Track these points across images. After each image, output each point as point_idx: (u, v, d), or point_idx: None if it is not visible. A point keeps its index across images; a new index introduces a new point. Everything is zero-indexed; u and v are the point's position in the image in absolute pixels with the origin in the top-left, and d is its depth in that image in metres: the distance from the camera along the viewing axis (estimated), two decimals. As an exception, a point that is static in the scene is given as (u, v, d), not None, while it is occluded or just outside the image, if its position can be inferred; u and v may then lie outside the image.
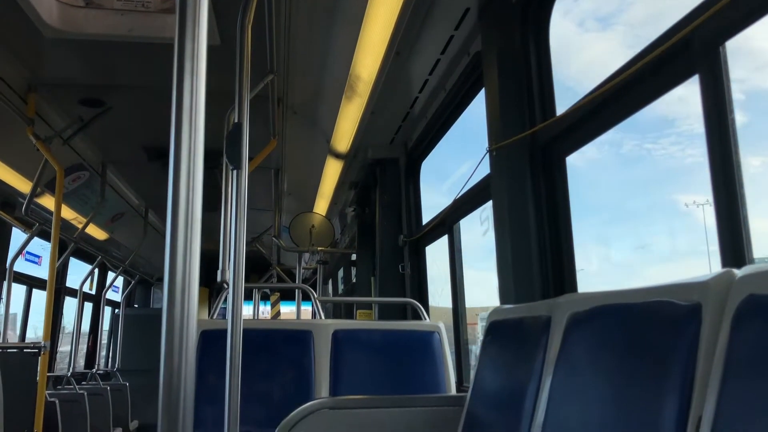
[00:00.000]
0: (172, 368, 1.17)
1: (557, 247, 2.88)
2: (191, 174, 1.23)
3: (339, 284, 10.48)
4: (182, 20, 1.29)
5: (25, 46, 4.24)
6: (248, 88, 2.74)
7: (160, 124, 5.47)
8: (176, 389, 1.16)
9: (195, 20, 1.29)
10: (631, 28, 3.11)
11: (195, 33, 1.29)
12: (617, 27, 3.37)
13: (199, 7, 1.30)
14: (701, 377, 1.29)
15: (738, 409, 1.17)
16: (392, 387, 3.47)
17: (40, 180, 5.30)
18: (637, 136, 3.04)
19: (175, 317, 1.18)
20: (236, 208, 2.57)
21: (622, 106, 2.46)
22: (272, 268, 9.29)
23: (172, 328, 1.17)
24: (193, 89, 1.26)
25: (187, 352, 1.18)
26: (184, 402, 1.16)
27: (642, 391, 1.44)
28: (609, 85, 2.42)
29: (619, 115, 2.49)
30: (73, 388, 6.95)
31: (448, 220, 4.56)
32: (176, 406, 1.16)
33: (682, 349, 1.37)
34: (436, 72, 4.23)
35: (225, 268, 3.65)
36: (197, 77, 1.27)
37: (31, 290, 7.94)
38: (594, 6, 3.57)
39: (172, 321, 1.18)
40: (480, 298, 4.62)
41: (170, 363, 1.17)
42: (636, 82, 2.34)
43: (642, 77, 2.29)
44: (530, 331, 2.12)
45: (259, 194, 7.57)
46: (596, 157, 3.15)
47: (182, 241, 1.21)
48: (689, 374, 1.32)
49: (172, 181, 1.22)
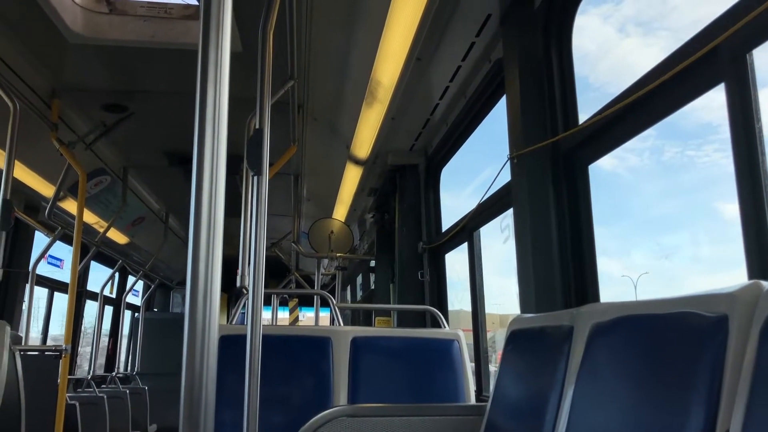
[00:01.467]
0: (193, 373, 1.17)
1: (579, 256, 2.85)
2: (214, 180, 1.23)
3: (357, 290, 10.48)
4: (206, 27, 1.30)
5: (49, 52, 4.30)
6: (269, 95, 2.75)
7: (181, 129, 5.53)
8: (197, 394, 1.17)
9: (218, 27, 1.30)
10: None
11: (218, 40, 1.29)
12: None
13: (223, 14, 1.30)
14: (728, 390, 1.27)
15: (767, 424, 1.14)
16: (411, 395, 3.45)
17: (63, 184, 5.36)
18: (679, 142, 3.01)
19: (197, 322, 1.18)
20: (256, 213, 2.58)
21: (645, 115, 2.44)
22: (291, 274, 9.30)
23: (194, 333, 1.17)
24: (216, 96, 1.27)
25: (209, 357, 1.18)
26: (206, 406, 1.16)
27: (666, 403, 1.42)
28: (633, 95, 2.40)
29: (643, 124, 2.46)
30: (93, 391, 6.99)
31: (468, 227, 4.54)
32: (197, 411, 1.16)
33: (708, 362, 1.35)
34: (457, 79, 4.22)
35: (245, 274, 3.67)
36: (220, 84, 1.27)
37: (52, 293, 8.02)
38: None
39: (194, 326, 1.18)
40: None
41: (191, 367, 1.17)
42: (660, 91, 2.31)
43: (666, 86, 2.27)
44: (552, 341, 2.09)
45: (278, 200, 7.60)
46: (636, 164, 3.14)
47: (204, 247, 1.21)
48: (715, 387, 1.29)
49: (195, 187, 1.22)
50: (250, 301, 2.48)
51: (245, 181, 3.56)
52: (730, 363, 1.28)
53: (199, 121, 1.24)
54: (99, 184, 6.56)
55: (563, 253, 2.90)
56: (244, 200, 3.58)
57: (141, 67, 4.60)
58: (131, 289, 10.64)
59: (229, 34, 1.31)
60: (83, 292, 8.59)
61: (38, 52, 4.30)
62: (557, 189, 2.98)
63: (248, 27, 3.50)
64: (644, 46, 3.29)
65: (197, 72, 1.26)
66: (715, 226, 2.80)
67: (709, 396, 1.30)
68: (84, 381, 7.56)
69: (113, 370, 9.72)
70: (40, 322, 7.92)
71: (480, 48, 3.80)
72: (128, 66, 4.59)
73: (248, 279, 3.61)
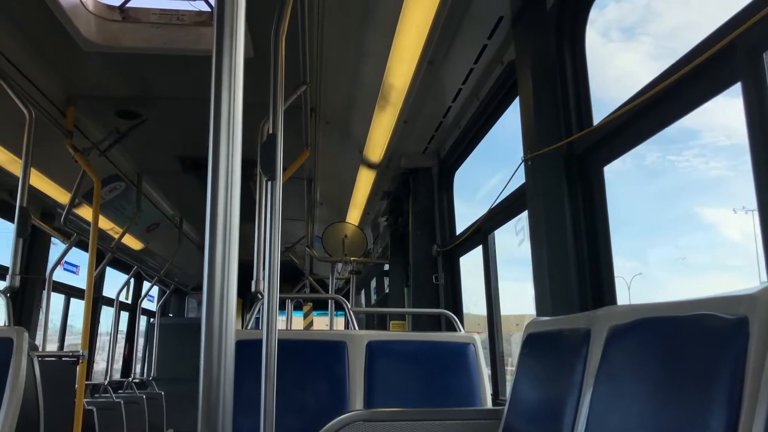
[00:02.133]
0: (210, 378, 1.17)
1: (595, 258, 2.83)
2: (229, 185, 1.24)
3: (371, 294, 10.48)
4: (219, 33, 1.30)
5: (64, 61, 4.34)
6: (282, 99, 2.75)
7: (194, 135, 5.56)
8: (215, 398, 1.17)
9: (232, 33, 1.30)
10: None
11: (232, 46, 1.30)
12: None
13: (236, 20, 1.31)
14: (750, 393, 1.25)
15: (791, 427, 1.13)
16: (427, 399, 3.44)
17: (78, 191, 5.40)
18: (660, 147, 3.01)
19: (214, 327, 1.18)
20: (270, 218, 2.58)
21: (661, 115, 2.41)
22: (305, 278, 9.32)
23: (210, 338, 1.18)
24: (230, 101, 1.27)
25: (226, 362, 1.18)
26: (223, 411, 1.17)
27: (686, 406, 1.40)
28: (648, 94, 2.38)
29: (659, 124, 2.44)
30: (110, 396, 7.04)
31: (483, 230, 4.53)
32: (215, 416, 1.16)
33: (728, 364, 1.33)
34: (470, 81, 4.21)
35: (259, 279, 3.68)
36: (234, 89, 1.28)
37: (69, 300, 8.08)
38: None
39: (210, 331, 1.18)
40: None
41: (209, 372, 1.17)
42: (676, 91, 2.29)
43: (682, 86, 2.25)
44: (569, 344, 2.08)
45: (291, 204, 7.62)
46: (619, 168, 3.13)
47: (220, 252, 1.21)
48: (736, 390, 1.28)
49: (210, 192, 1.22)
50: (266, 306, 2.48)
51: (259, 186, 3.57)
52: (751, 365, 1.27)
53: (213, 126, 1.25)
54: (113, 190, 6.61)
55: (579, 255, 2.88)
56: (258, 205, 3.59)
57: (154, 74, 4.63)
58: (146, 295, 10.69)
59: (243, 39, 1.31)
60: (99, 298, 8.65)
61: (53, 61, 4.34)
62: (572, 191, 2.96)
63: (260, 32, 3.50)
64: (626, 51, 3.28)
65: (211, 77, 1.27)
66: (693, 230, 2.78)
67: (730, 399, 1.28)
68: (101, 386, 7.61)
69: (129, 376, 9.77)
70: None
71: (492, 50, 3.79)
72: (141, 73, 4.62)
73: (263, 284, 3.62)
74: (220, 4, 1.32)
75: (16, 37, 3.94)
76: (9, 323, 3.64)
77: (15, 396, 2.87)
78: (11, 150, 4.95)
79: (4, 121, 4.62)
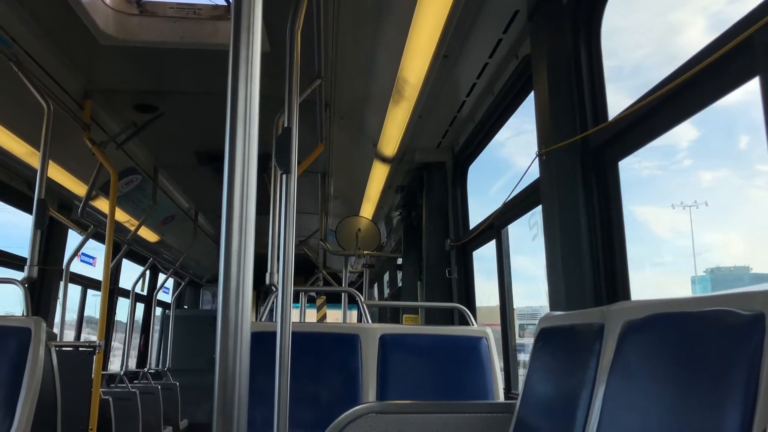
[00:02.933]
0: (226, 369, 1.18)
1: (610, 253, 2.82)
2: (245, 178, 1.25)
3: (384, 288, 10.49)
4: (237, 27, 1.32)
5: (81, 54, 4.38)
6: (297, 94, 2.76)
7: (210, 128, 5.59)
8: (231, 390, 1.18)
9: (249, 27, 1.31)
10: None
11: (249, 40, 1.31)
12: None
13: (253, 14, 1.32)
14: (765, 389, 1.25)
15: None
16: (439, 392, 3.45)
17: (95, 183, 5.45)
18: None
19: (230, 320, 1.20)
20: (285, 211, 2.59)
21: (677, 109, 2.40)
22: (318, 272, 9.35)
23: (226, 331, 1.19)
24: (247, 95, 1.28)
25: (242, 354, 1.20)
26: (239, 403, 1.18)
27: (701, 402, 1.40)
28: (664, 89, 2.37)
29: (675, 119, 2.43)
30: (126, 386, 7.11)
31: (496, 225, 4.52)
32: (231, 407, 1.18)
33: (744, 360, 1.33)
34: (484, 75, 4.20)
35: (274, 272, 3.70)
36: (251, 83, 1.29)
37: (86, 291, 8.16)
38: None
39: (226, 323, 1.19)
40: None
41: (225, 364, 1.19)
42: (692, 85, 2.28)
43: (698, 80, 2.23)
44: (583, 339, 2.08)
45: (305, 198, 7.64)
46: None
47: (236, 245, 1.23)
48: (752, 386, 1.27)
49: (227, 185, 1.24)
50: (280, 298, 2.49)
51: (273, 180, 3.59)
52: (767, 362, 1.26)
53: (230, 119, 1.26)
54: (130, 183, 6.66)
55: (593, 250, 2.87)
56: (273, 198, 3.61)
57: (171, 68, 4.66)
58: (162, 287, 10.78)
59: (260, 33, 1.32)
60: (116, 290, 8.73)
61: (71, 54, 4.38)
62: (587, 185, 2.95)
63: (276, 26, 3.52)
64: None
65: (228, 71, 1.28)
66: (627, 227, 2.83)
67: (746, 395, 1.28)
68: (117, 377, 7.68)
69: (145, 366, 9.86)
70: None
71: (507, 44, 3.78)
72: (158, 66, 4.65)
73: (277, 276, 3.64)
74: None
75: (35, 31, 3.98)
76: (27, 313, 3.68)
77: (33, 385, 2.91)
78: (29, 142, 5.01)
79: (23, 113, 4.67)
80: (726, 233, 3.08)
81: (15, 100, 4.52)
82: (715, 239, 3.23)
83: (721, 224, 3.02)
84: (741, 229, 2.86)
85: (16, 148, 5.17)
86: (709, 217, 2.97)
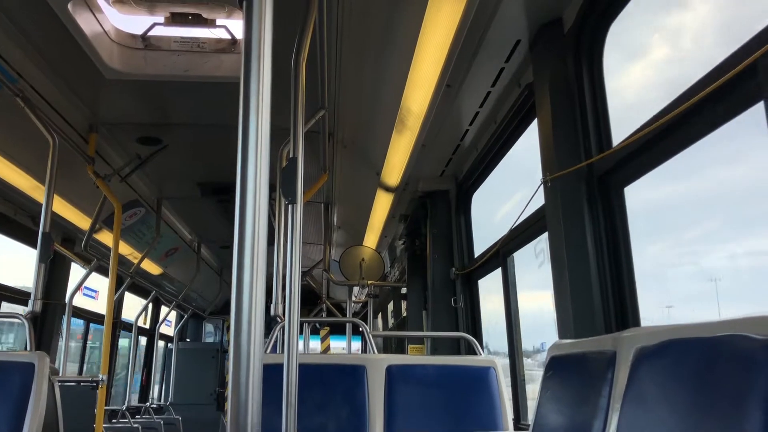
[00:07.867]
0: (239, 402, 1.17)
1: (618, 279, 2.80)
2: (257, 209, 1.25)
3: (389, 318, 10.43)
4: (247, 59, 1.33)
5: (87, 88, 4.41)
6: (303, 124, 2.77)
7: (214, 160, 5.62)
8: (243, 421, 1.17)
9: (260, 59, 1.33)
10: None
11: (260, 72, 1.32)
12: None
13: (263, 48, 1.33)
14: (783, 415, 1.23)
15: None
16: (447, 424, 3.41)
17: (99, 216, 5.45)
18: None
19: (242, 351, 1.19)
20: (291, 242, 2.58)
21: (682, 136, 2.40)
22: (322, 302, 9.31)
23: (238, 363, 1.18)
24: (258, 126, 1.29)
25: (253, 386, 1.19)
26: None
27: (718, 429, 1.38)
28: (669, 115, 2.37)
29: (680, 144, 2.43)
30: (128, 422, 7.04)
31: (502, 253, 4.51)
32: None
33: (760, 386, 1.31)
34: (487, 104, 4.21)
35: (278, 302, 3.68)
36: (262, 114, 1.30)
37: (88, 325, 8.12)
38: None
39: (238, 356, 1.18)
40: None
41: (237, 396, 1.18)
42: (696, 111, 2.28)
43: (703, 105, 2.24)
44: (594, 366, 2.05)
45: (309, 228, 7.65)
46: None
47: (248, 276, 1.22)
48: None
49: (238, 217, 1.24)
50: (286, 331, 2.47)
51: (278, 210, 3.59)
52: (784, 387, 1.25)
53: (241, 150, 1.26)
54: (133, 215, 6.67)
55: (602, 276, 2.85)
56: (278, 229, 3.60)
57: (175, 101, 4.69)
58: (164, 320, 10.72)
59: (270, 65, 1.33)
60: (118, 323, 8.69)
61: (76, 89, 4.42)
62: (593, 212, 2.95)
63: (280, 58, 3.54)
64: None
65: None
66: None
67: (764, 422, 1.26)
68: (119, 412, 7.61)
69: (147, 401, 9.77)
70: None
71: (510, 73, 3.80)
72: (163, 99, 4.68)
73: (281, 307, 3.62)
74: (247, 33, 1.35)
75: (41, 66, 4.01)
76: (30, 348, 3.65)
77: (36, 420, 2.88)
78: (34, 176, 5.02)
79: (28, 147, 4.69)
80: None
81: (20, 135, 4.55)
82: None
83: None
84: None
85: (21, 182, 5.18)
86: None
